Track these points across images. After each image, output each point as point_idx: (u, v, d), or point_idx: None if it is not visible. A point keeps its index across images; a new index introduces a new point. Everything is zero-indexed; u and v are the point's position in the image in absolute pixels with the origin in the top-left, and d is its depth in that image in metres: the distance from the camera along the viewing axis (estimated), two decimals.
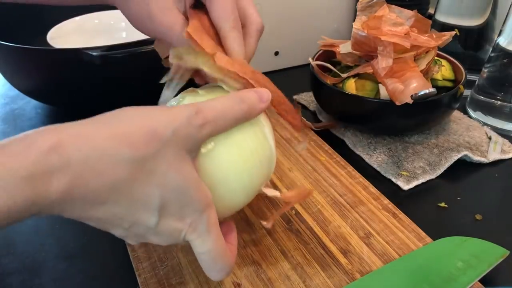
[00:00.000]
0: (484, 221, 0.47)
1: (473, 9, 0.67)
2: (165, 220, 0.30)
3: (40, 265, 0.43)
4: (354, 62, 0.60)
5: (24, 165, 0.24)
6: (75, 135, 0.26)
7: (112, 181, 0.27)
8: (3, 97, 0.75)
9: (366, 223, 0.46)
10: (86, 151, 0.26)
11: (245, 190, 0.36)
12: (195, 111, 0.30)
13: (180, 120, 0.29)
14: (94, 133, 0.27)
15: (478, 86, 0.64)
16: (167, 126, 0.29)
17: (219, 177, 0.34)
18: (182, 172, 0.30)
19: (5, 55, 0.61)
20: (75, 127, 0.27)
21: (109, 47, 0.56)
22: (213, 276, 0.34)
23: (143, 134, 0.28)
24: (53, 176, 0.25)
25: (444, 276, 0.39)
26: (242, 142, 0.34)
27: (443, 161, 0.55)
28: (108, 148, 0.27)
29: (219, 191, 0.34)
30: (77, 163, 0.26)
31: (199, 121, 0.30)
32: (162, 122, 0.29)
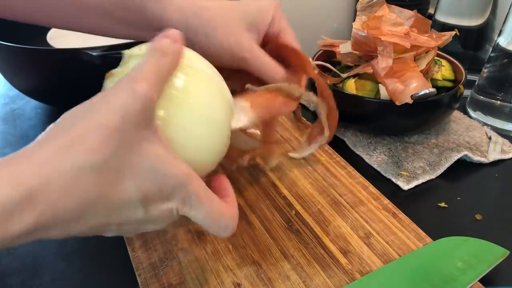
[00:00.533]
0: (484, 221, 0.47)
1: (473, 9, 0.67)
2: (152, 207, 0.29)
3: (40, 265, 0.43)
4: (354, 62, 0.60)
5: None
6: (28, 164, 0.25)
7: (81, 195, 0.26)
8: (3, 97, 0.75)
9: (366, 223, 0.46)
10: (44, 175, 0.25)
11: (214, 133, 0.34)
12: (131, 85, 0.28)
13: (122, 103, 0.27)
14: (45, 154, 0.25)
15: (478, 86, 0.64)
16: (113, 115, 0.27)
17: (182, 136, 0.32)
18: (146, 154, 0.28)
19: (5, 55, 0.61)
20: (24, 157, 0.26)
21: (109, 47, 0.56)
22: (221, 234, 0.33)
23: (95, 136, 0.26)
24: (14, 214, 0.24)
25: (444, 276, 0.39)
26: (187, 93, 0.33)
27: (443, 161, 0.55)
28: (65, 163, 0.25)
29: (190, 150, 0.33)
30: (38, 191, 0.24)
31: (142, 88, 0.28)
32: (107, 114, 0.27)
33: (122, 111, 0.27)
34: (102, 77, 0.60)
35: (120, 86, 0.28)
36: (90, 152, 0.26)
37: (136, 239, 0.44)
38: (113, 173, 0.27)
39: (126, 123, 0.27)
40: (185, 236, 0.45)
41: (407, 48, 0.54)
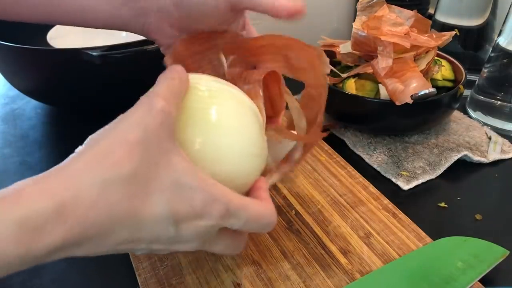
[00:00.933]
0: (484, 221, 0.47)
1: (473, 9, 0.67)
2: (185, 225, 0.28)
3: (40, 265, 0.43)
4: (354, 62, 0.60)
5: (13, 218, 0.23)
6: (58, 178, 0.25)
7: (109, 209, 0.26)
8: (3, 97, 0.75)
9: (366, 223, 0.46)
10: (73, 188, 0.25)
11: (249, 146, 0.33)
12: (148, 101, 0.28)
13: (142, 117, 0.27)
14: (74, 169, 0.26)
15: (478, 86, 0.64)
16: (134, 130, 0.27)
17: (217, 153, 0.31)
18: (171, 166, 0.28)
19: (5, 55, 0.61)
20: (53, 173, 0.26)
21: (109, 47, 0.56)
22: (265, 231, 0.34)
23: (119, 150, 0.26)
24: (46, 227, 0.24)
25: (444, 276, 0.39)
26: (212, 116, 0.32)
27: (443, 161, 0.55)
28: (92, 177, 0.25)
29: (226, 166, 0.32)
30: (68, 203, 0.24)
31: (158, 107, 0.28)
32: (129, 129, 0.27)
33: (142, 125, 0.27)
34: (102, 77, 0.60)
35: (138, 104, 0.29)
36: (115, 166, 0.26)
37: None
38: (140, 187, 0.27)
39: (148, 136, 0.27)
40: None
41: (407, 48, 0.54)
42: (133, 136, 0.27)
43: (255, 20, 0.76)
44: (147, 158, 0.27)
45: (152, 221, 0.27)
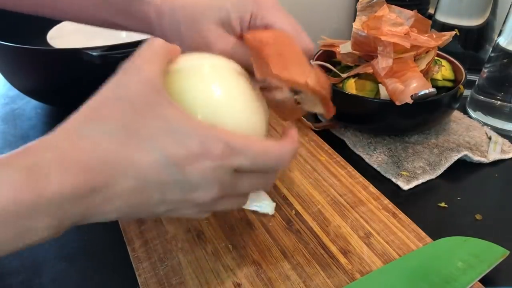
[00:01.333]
0: (484, 221, 0.47)
1: (473, 9, 0.67)
2: (188, 168, 0.29)
3: (40, 265, 0.43)
4: (354, 62, 0.60)
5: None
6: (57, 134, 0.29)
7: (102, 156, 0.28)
8: (3, 97, 0.75)
9: (366, 223, 0.46)
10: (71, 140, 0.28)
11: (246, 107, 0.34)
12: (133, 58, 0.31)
13: (124, 74, 0.31)
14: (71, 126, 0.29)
15: (478, 86, 0.64)
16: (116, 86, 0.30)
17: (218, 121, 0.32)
18: (162, 116, 0.29)
19: (5, 55, 0.61)
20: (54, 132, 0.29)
21: (109, 47, 0.56)
22: (282, 167, 0.34)
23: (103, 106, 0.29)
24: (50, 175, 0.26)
25: (444, 276, 0.39)
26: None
27: (443, 161, 0.55)
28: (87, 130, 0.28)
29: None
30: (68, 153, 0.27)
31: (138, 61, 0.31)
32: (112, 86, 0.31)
33: (124, 82, 0.30)
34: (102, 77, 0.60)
35: (122, 66, 0.31)
36: (102, 120, 0.28)
37: (136, 239, 0.44)
38: (130, 137, 0.28)
39: (130, 92, 0.29)
40: (185, 236, 0.45)
41: (407, 48, 0.54)
42: (113, 93, 0.29)
43: None
44: (131, 111, 0.29)
45: (151, 167, 0.29)
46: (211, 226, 0.46)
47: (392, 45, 0.53)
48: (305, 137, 0.60)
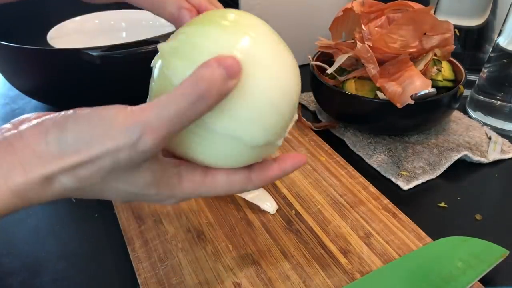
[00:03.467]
0: (484, 221, 0.47)
1: (473, 9, 0.67)
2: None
3: (40, 265, 0.43)
4: (351, 65, 0.60)
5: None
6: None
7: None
8: (3, 97, 0.75)
9: (366, 223, 0.46)
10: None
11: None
12: (138, 134, 0.25)
13: (120, 149, 0.26)
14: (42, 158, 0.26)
15: (478, 86, 0.64)
16: (105, 158, 0.26)
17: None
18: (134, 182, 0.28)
19: (5, 55, 0.61)
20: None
21: (109, 47, 0.56)
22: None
23: (84, 170, 0.27)
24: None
25: (444, 276, 0.39)
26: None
27: (443, 161, 0.55)
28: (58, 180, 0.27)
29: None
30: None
31: (145, 145, 0.26)
32: (102, 151, 0.26)
33: (115, 157, 0.26)
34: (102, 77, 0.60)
35: (129, 124, 0.26)
36: (77, 180, 0.27)
37: (136, 239, 0.44)
38: (96, 191, 0.28)
39: (115, 167, 0.27)
40: (185, 236, 0.45)
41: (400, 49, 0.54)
42: (101, 163, 0.26)
43: None
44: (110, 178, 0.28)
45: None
46: (211, 226, 0.46)
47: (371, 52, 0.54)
48: (305, 137, 0.60)
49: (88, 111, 0.27)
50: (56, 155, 0.26)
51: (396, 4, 0.59)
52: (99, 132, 0.26)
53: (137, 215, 0.47)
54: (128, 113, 0.26)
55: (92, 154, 0.26)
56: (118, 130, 0.26)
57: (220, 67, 0.26)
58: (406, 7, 0.58)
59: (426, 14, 0.54)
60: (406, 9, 0.58)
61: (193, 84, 0.26)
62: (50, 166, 0.26)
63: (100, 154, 0.26)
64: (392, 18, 0.57)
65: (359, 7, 0.58)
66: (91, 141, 0.26)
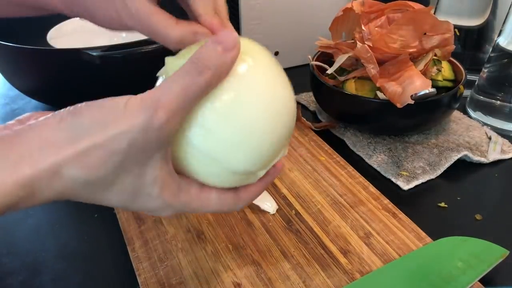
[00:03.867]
0: (484, 221, 0.47)
1: (473, 9, 0.67)
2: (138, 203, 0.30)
3: (40, 265, 0.43)
4: (351, 65, 0.60)
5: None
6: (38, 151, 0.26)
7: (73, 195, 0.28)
8: (3, 97, 0.75)
9: (366, 223, 0.46)
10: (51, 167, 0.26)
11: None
12: (153, 110, 0.26)
13: (134, 128, 0.26)
14: (54, 158, 0.26)
15: (478, 86, 0.64)
16: (121, 139, 0.26)
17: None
18: (140, 176, 0.28)
19: (5, 55, 0.61)
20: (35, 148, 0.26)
21: (109, 47, 0.56)
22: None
23: (97, 154, 0.26)
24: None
25: (444, 276, 0.39)
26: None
27: (443, 161, 0.55)
28: (64, 173, 0.26)
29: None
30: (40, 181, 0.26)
31: (160, 120, 0.26)
32: (116, 135, 0.26)
33: (131, 138, 0.26)
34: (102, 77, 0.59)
35: (142, 105, 0.26)
36: (87, 169, 0.27)
37: (136, 239, 0.44)
38: (101, 189, 0.28)
39: (131, 150, 0.27)
40: (185, 236, 0.45)
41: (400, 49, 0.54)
42: (116, 146, 0.26)
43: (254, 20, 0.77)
44: (120, 167, 0.27)
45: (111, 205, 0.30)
46: (211, 226, 0.46)
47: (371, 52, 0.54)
48: (305, 137, 0.60)
49: (99, 100, 0.27)
50: (70, 140, 0.26)
51: (396, 4, 0.59)
52: (114, 115, 0.26)
53: (137, 215, 0.47)
54: (138, 98, 0.27)
55: (108, 135, 0.26)
56: (132, 111, 0.26)
57: (215, 43, 0.28)
58: (406, 7, 0.58)
59: (426, 14, 0.54)
60: (406, 9, 0.58)
61: (192, 61, 0.28)
62: (62, 153, 0.26)
63: (116, 135, 0.26)
64: (392, 18, 0.58)
65: (359, 7, 0.58)
66: (106, 124, 0.26)
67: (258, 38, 0.75)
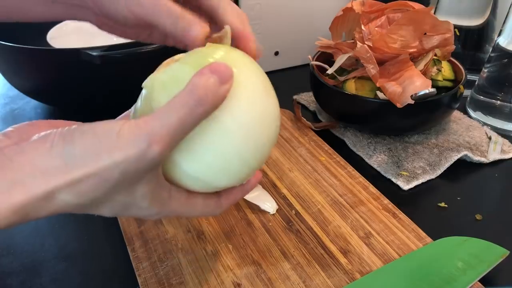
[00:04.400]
0: (484, 221, 0.47)
1: (473, 9, 0.67)
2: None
3: (40, 265, 0.43)
4: (351, 65, 0.60)
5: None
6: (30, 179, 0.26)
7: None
8: (3, 97, 0.75)
9: (366, 223, 0.46)
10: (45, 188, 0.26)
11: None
12: (147, 143, 0.26)
13: (127, 159, 0.26)
14: (46, 183, 0.26)
15: (478, 86, 0.64)
16: (113, 169, 0.26)
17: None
18: (130, 194, 0.29)
19: (5, 55, 0.61)
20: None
21: (109, 47, 0.56)
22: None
23: (89, 182, 0.26)
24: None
25: (444, 276, 0.39)
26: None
27: (443, 161, 0.55)
28: (56, 197, 0.26)
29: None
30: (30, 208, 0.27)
31: (154, 153, 0.26)
32: (109, 165, 0.26)
33: (123, 168, 0.26)
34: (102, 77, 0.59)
35: (136, 135, 0.26)
36: (79, 195, 0.27)
37: (136, 239, 0.44)
38: (93, 207, 0.29)
39: (123, 178, 0.27)
40: (185, 236, 0.45)
41: (400, 49, 0.54)
42: (109, 175, 0.26)
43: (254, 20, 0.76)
44: (112, 191, 0.28)
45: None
46: (211, 226, 0.46)
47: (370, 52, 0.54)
48: (305, 137, 0.60)
49: (92, 125, 0.27)
50: (62, 169, 0.26)
51: (396, 4, 0.59)
52: (107, 144, 0.26)
53: None
54: (133, 125, 0.26)
55: (101, 166, 0.26)
56: (126, 142, 0.26)
57: (213, 74, 0.28)
58: (406, 7, 0.58)
59: (426, 14, 0.53)
60: (406, 9, 0.58)
61: (189, 92, 0.27)
62: (54, 181, 0.26)
63: (109, 166, 0.26)
64: (392, 18, 0.58)
65: (359, 7, 0.58)
66: (99, 153, 0.26)
67: (258, 38, 0.75)
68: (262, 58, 0.37)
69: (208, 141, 0.29)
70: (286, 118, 0.64)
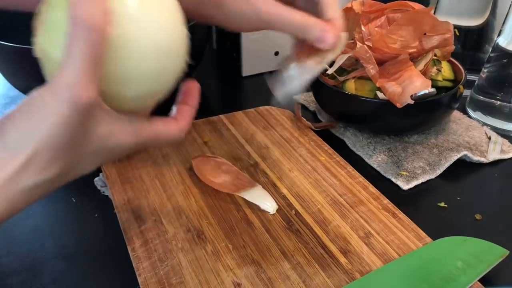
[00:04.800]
0: (484, 221, 0.47)
1: (473, 9, 0.67)
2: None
3: (40, 265, 0.43)
4: (351, 65, 0.60)
5: None
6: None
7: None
8: (3, 97, 0.75)
9: (366, 223, 0.46)
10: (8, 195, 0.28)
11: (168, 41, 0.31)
12: (71, 96, 0.27)
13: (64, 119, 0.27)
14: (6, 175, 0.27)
15: (478, 86, 0.64)
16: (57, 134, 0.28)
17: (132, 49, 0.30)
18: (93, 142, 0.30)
19: (5, 55, 0.61)
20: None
21: None
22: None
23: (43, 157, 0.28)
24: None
25: (444, 276, 0.39)
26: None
27: (442, 161, 0.55)
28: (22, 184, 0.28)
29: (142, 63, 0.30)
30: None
31: (82, 100, 0.27)
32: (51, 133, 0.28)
33: (64, 128, 0.27)
34: None
35: (58, 96, 0.27)
36: (39, 173, 0.28)
37: (136, 239, 0.44)
38: (65, 173, 0.29)
39: (73, 136, 0.28)
40: (185, 236, 0.45)
41: (399, 49, 0.54)
42: (56, 141, 0.27)
43: None
44: (71, 156, 0.28)
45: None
46: (211, 226, 0.46)
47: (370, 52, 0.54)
48: (305, 137, 0.60)
49: (17, 108, 0.29)
50: (8, 158, 0.27)
51: (396, 4, 0.59)
52: (38, 118, 0.27)
53: (137, 215, 0.47)
54: (50, 90, 0.28)
55: (41, 137, 0.27)
56: (53, 107, 0.27)
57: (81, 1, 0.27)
58: (406, 7, 0.58)
59: (426, 14, 0.54)
60: (406, 9, 0.58)
61: (74, 24, 0.27)
62: (6, 170, 0.27)
63: (49, 134, 0.27)
64: (392, 18, 0.58)
65: (359, 7, 0.58)
66: (33, 128, 0.27)
67: (258, 38, 0.75)
68: (262, 58, 0.37)
69: (124, 57, 0.29)
70: (286, 118, 0.64)
